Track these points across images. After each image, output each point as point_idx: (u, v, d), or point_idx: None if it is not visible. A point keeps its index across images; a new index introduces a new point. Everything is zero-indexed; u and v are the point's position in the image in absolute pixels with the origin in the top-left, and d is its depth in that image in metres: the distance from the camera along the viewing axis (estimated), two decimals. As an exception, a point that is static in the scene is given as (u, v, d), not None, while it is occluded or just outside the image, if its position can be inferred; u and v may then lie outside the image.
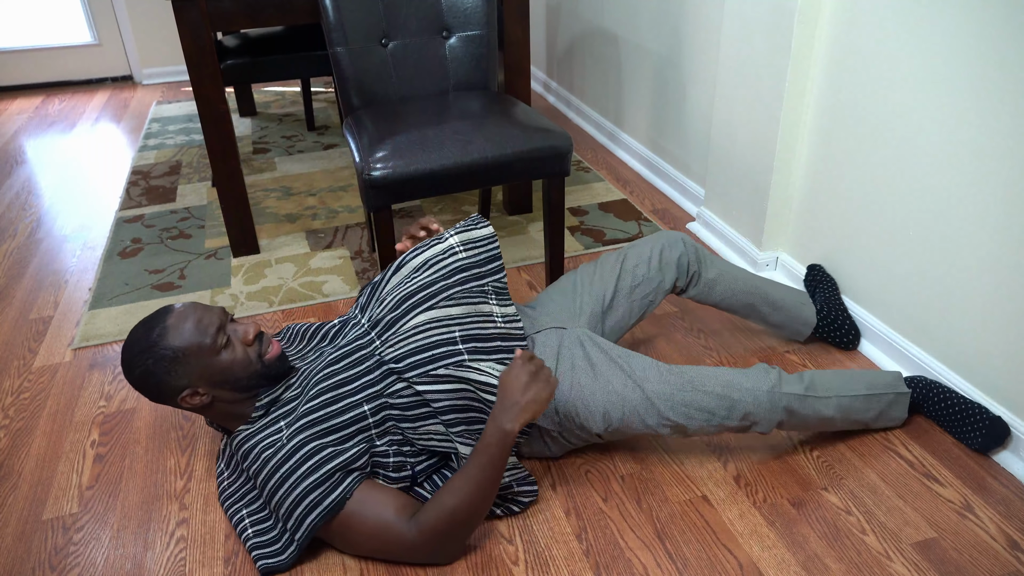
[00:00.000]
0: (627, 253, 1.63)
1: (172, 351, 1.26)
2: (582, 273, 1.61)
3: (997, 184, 1.39)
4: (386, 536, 1.23)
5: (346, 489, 1.24)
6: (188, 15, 1.93)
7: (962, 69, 1.42)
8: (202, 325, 1.29)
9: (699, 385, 1.35)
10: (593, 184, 2.75)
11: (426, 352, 1.32)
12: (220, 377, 1.30)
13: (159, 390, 1.29)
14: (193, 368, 1.28)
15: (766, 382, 1.36)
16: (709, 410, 1.35)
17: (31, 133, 3.52)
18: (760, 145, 1.97)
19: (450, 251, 1.43)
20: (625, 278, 1.59)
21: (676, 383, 1.35)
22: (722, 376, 1.36)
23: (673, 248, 1.62)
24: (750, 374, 1.37)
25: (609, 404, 1.35)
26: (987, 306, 1.46)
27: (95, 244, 2.45)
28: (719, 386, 1.35)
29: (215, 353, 1.28)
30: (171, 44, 4.24)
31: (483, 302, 1.42)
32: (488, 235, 1.47)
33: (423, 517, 1.23)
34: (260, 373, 1.32)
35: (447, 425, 1.32)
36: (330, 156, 3.08)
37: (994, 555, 1.27)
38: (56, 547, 1.36)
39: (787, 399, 1.36)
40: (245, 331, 1.33)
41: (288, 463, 1.24)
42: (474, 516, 1.23)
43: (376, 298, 1.45)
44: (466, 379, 1.30)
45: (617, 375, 1.36)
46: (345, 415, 1.29)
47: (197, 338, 1.27)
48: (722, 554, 1.29)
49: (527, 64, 2.31)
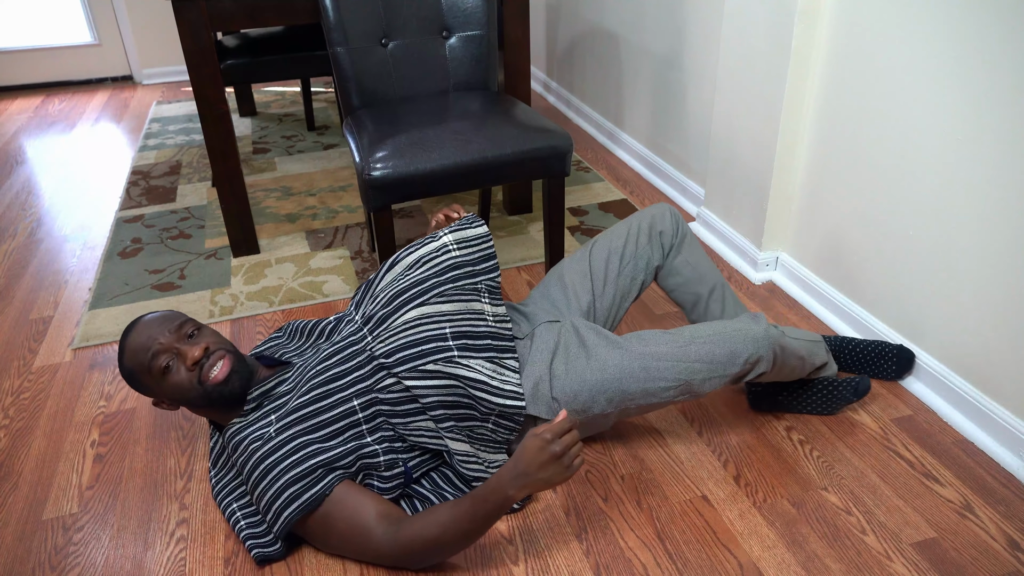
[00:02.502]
0: (612, 235, 1.60)
1: (125, 370, 1.35)
2: (570, 264, 1.59)
3: (998, 183, 1.39)
4: (361, 540, 1.24)
5: (326, 486, 1.24)
6: (188, 15, 1.93)
7: (962, 69, 1.42)
8: (144, 349, 1.32)
9: (696, 337, 1.36)
10: (593, 184, 2.75)
11: (416, 347, 1.32)
12: (172, 396, 1.34)
13: (140, 393, 1.40)
14: (147, 385, 1.34)
15: (759, 323, 1.38)
16: (711, 359, 1.34)
17: (31, 133, 3.52)
18: (760, 145, 1.97)
19: (443, 249, 1.44)
20: (613, 261, 1.57)
21: (674, 341, 1.36)
22: (716, 327, 1.37)
23: (662, 220, 1.59)
24: (742, 320, 1.39)
25: (607, 380, 1.35)
26: (987, 305, 1.46)
27: (95, 244, 2.45)
28: (716, 335, 1.36)
29: (158, 376, 1.32)
30: (171, 44, 4.24)
31: (475, 300, 1.42)
32: (482, 234, 1.47)
33: (403, 533, 1.22)
34: (204, 395, 1.33)
35: (436, 421, 1.32)
36: (330, 156, 3.08)
37: (994, 555, 1.27)
38: (56, 547, 1.36)
39: (777, 335, 1.38)
40: (187, 354, 1.32)
41: (272, 456, 1.25)
42: (453, 549, 1.22)
43: (370, 295, 1.46)
44: (455, 375, 1.31)
45: (611, 350, 1.37)
46: (334, 410, 1.30)
47: (138, 361, 1.32)
48: (722, 554, 1.29)
49: (527, 64, 2.31)
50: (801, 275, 1.99)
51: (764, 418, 1.59)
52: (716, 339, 1.35)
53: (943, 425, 1.56)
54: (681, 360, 1.34)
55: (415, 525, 1.21)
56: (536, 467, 1.15)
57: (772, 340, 1.36)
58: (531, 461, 1.15)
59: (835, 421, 1.58)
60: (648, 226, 1.59)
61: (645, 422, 1.59)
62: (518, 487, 1.16)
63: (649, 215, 1.60)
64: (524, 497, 1.28)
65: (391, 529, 1.22)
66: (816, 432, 1.55)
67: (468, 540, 1.21)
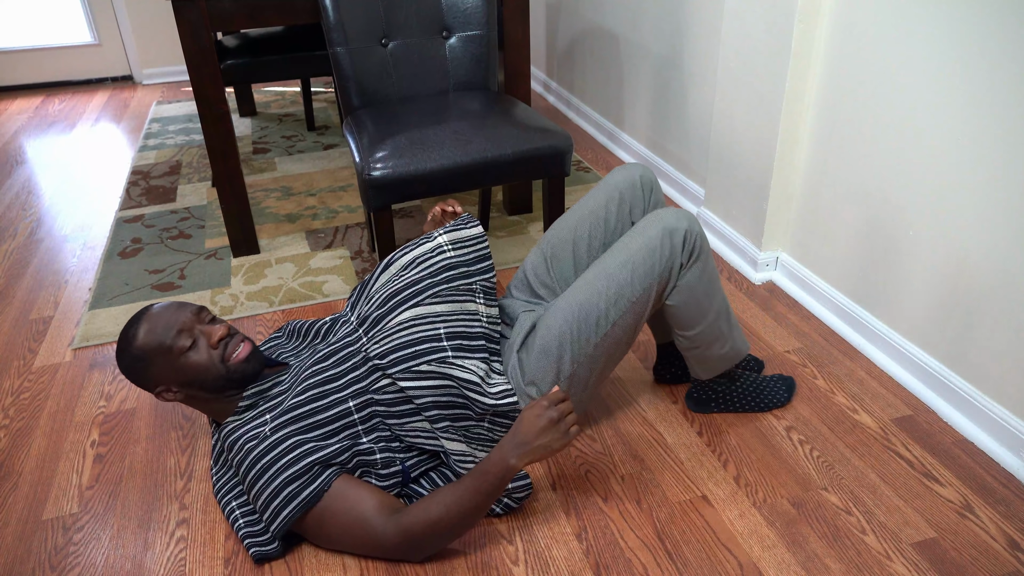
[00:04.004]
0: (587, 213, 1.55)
1: (140, 351, 1.32)
2: (548, 245, 1.56)
3: (998, 183, 1.39)
4: (362, 532, 1.24)
5: (324, 482, 1.24)
6: (188, 15, 1.93)
7: (962, 68, 1.42)
8: (167, 327, 1.32)
9: (616, 251, 1.36)
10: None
11: (410, 348, 1.32)
12: (186, 378, 1.33)
13: (140, 384, 1.36)
14: (160, 368, 1.33)
15: (674, 213, 1.37)
16: (637, 258, 1.34)
17: (31, 133, 3.52)
18: (760, 145, 1.97)
19: (438, 249, 1.44)
20: (595, 243, 1.54)
21: (598, 264, 1.37)
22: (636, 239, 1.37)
23: (632, 186, 1.55)
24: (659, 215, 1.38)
25: (558, 334, 1.36)
26: (988, 305, 1.46)
27: (95, 244, 2.45)
28: (634, 236, 1.36)
29: (179, 354, 1.32)
30: (171, 44, 4.24)
31: (469, 300, 1.42)
32: (477, 235, 1.47)
33: (405, 519, 1.22)
34: (224, 376, 1.34)
35: (431, 421, 1.32)
36: (330, 156, 3.08)
37: (994, 555, 1.27)
38: (56, 547, 1.36)
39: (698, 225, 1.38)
40: (212, 332, 1.34)
41: (269, 455, 1.25)
42: (456, 530, 1.23)
43: (365, 296, 1.47)
44: (449, 376, 1.31)
45: (553, 312, 1.38)
46: (330, 410, 1.30)
47: (158, 340, 1.31)
48: (722, 554, 1.29)
49: (527, 64, 2.31)
50: (801, 275, 1.99)
51: (764, 418, 1.59)
52: (631, 243, 1.35)
53: (943, 425, 1.56)
54: (608, 273, 1.35)
55: (417, 510, 1.22)
56: (535, 434, 1.18)
57: (690, 217, 1.36)
58: (529, 428, 1.18)
59: (835, 421, 1.58)
60: (618, 200, 1.54)
61: (645, 422, 1.59)
62: (519, 455, 1.18)
63: (614, 184, 1.55)
64: (525, 466, 1.28)
65: (392, 518, 1.23)
66: (816, 432, 1.55)
67: (471, 518, 1.21)
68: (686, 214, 1.37)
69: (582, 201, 1.56)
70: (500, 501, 1.36)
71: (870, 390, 1.67)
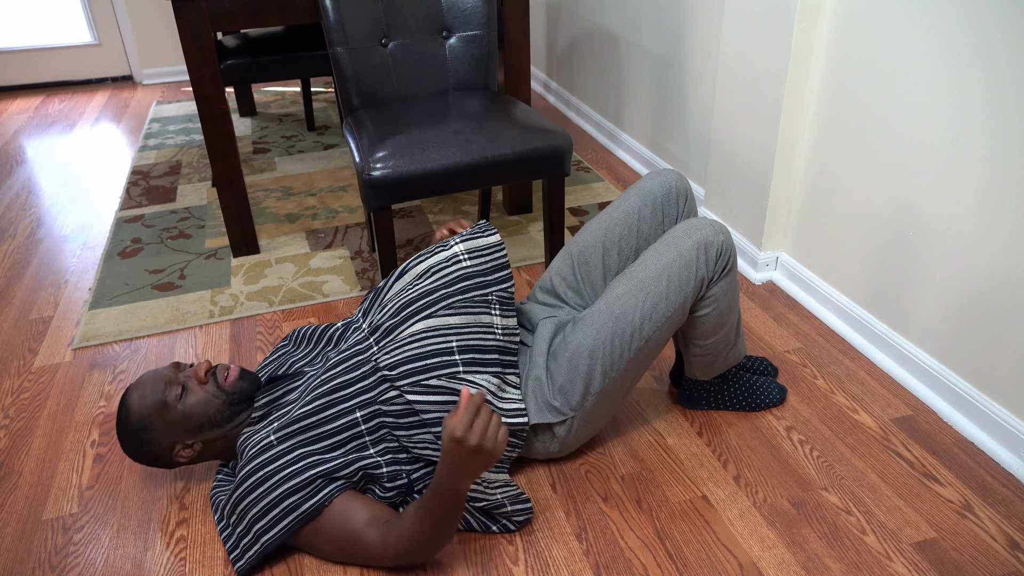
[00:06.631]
0: (614, 220, 1.54)
1: (139, 420, 1.32)
2: (573, 253, 1.55)
3: (998, 182, 1.39)
4: (353, 546, 1.24)
5: (326, 497, 1.23)
6: (188, 15, 1.93)
7: (963, 68, 1.42)
8: (154, 387, 1.33)
9: (646, 263, 1.36)
10: (593, 184, 2.75)
11: (420, 361, 1.31)
12: (195, 423, 1.33)
13: (155, 459, 1.36)
14: (165, 427, 1.32)
15: (710, 226, 1.37)
16: (685, 263, 1.34)
17: (31, 133, 3.52)
18: (760, 145, 1.97)
19: (454, 259, 1.41)
20: (626, 249, 1.53)
21: (629, 276, 1.36)
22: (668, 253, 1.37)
23: (666, 189, 1.53)
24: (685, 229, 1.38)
25: (590, 348, 1.35)
26: (988, 305, 1.46)
27: (95, 244, 2.45)
28: (664, 251, 1.37)
29: (176, 403, 1.32)
30: (171, 44, 4.24)
31: (484, 312, 1.39)
32: (494, 243, 1.43)
33: (391, 536, 1.21)
34: (228, 401, 1.35)
35: (437, 437, 1.31)
36: (330, 156, 3.08)
37: (994, 555, 1.27)
38: (56, 547, 1.36)
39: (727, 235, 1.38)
40: (196, 372, 1.35)
41: (271, 466, 1.24)
42: (436, 541, 1.21)
43: (378, 303, 1.45)
44: (458, 391, 1.29)
45: (582, 327, 1.37)
46: (337, 421, 1.29)
47: (152, 400, 1.32)
48: (722, 554, 1.29)
49: (527, 64, 2.31)
50: (801, 275, 1.99)
51: (764, 418, 1.59)
52: (666, 255, 1.35)
53: (943, 425, 1.56)
54: (644, 287, 1.34)
55: (398, 525, 1.22)
56: (463, 464, 1.11)
57: (724, 230, 1.36)
58: (455, 460, 1.11)
59: (835, 421, 1.58)
60: (652, 204, 1.53)
61: (645, 422, 1.59)
62: (460, 480, 1.13)
63: (648, 189, 1.54)
64: (475, 482, 1.26)
65: (381, 532, 1.22)
66: (816, 432, 1.55)
67: (444, 533, 1.20)
68: (721, 227, 1.37)
69: (614, 204, 1.54)
70: (498, 522, 1.34)
71: (870, 390, 1.67)
